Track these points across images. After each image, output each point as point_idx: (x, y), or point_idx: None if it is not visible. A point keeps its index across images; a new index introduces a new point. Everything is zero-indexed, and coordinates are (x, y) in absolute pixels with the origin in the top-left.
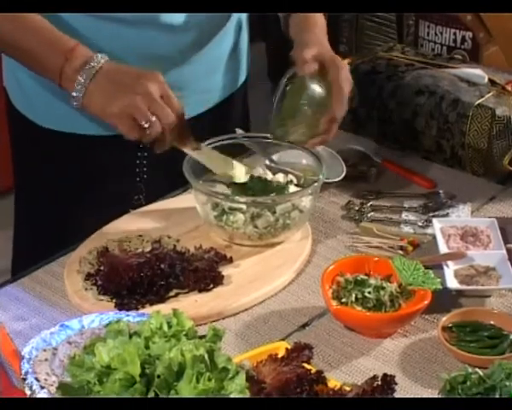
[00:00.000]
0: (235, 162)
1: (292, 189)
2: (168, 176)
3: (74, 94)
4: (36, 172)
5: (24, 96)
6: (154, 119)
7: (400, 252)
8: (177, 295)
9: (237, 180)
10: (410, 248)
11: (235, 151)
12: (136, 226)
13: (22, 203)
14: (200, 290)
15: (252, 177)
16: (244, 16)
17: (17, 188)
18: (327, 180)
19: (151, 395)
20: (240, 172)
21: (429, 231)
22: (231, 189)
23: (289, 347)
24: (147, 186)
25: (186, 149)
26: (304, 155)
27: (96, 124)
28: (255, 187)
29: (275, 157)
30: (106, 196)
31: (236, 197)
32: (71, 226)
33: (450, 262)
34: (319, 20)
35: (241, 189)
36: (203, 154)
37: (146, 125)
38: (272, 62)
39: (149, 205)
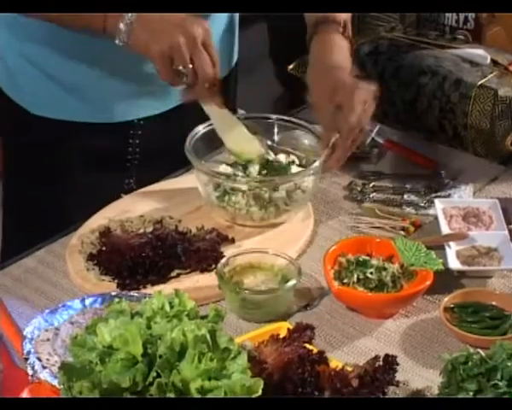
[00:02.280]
0: (252, 137)
1: (294, 169)
2: (159, 162)
3: (121, 27)
4: (24, 158)
5: (12, 82)
6: (191, 66)
7: (402, 233)
8: (178, 275)
9: (245, 157)
10: (412, 228)
11: None
12: (137, 207)
13: (11, 190)
14: (202, 271)
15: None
16: None
17: (5, 174)
18: None
19: (153, 375)
20: (252, 150)
21: (431, 211)
22: (233, 169)
23: (291, 327)
24: (137, 171)
25: (209, 107)
26: (306, 136)
27: (86, 110)
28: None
29: (276, 138)
30: (96, 182)
31: (238, 177)
32: (60, 213)
33: (452, 243)
34: (341, 42)
35: (243, 169)
36: (223, 119)
37: (182, 71)
38: (274, 44)
39: (151, 185)
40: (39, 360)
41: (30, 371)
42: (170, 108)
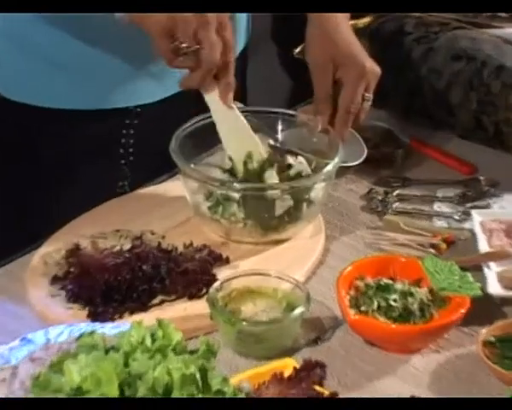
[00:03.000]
0: (258, 144)
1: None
2: (159, 158)
3: None
4: (1, 153)
5: None
6: (195, 46)
7: (432, 251)
8: (162, 302)
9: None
10: (444, 246)
11: None
12: (112, 219)
13: None
14: (191, 297)
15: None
16: None
17: None
18: (343, 164)
19: None
20: (255, 154)
21: (467, 225)
22: (228, 174)
23: (298, 365)
24: (133, 171)
25: (213, 101)
26: (316, 134)
27: (72, 95)
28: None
29: (281, 136)
30: (84, 183)
31: (234, 184)
32: (40, 218)
33: (492, 263)
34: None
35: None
36: (227, 120)
37: (183, 48)
38: (276, 24)
39: (129, 194)
40: None
41: None
42: (172, 94)
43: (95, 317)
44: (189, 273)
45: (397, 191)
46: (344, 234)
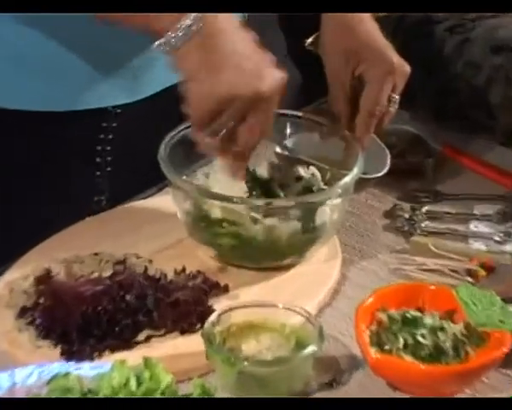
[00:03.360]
0: None
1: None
2: (141, 169)
3: (179, 26)
4: None
5: None
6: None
7: (468, 278)
8: (149, 338)
9: None
10: (483, 272)
11: None
12: (90, 240)
13: None
14: (183, 332)
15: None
16: None
17: None
18: (363, 176)
19: None
20: None
21: (508, 247)
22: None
23: None
24: (111, 183)
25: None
26: (330, 140)
27: (42, 94)
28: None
29: (289, 142)
30: (55, 197)
31: (235, 199)
32: (4, 238)
33: None
34: None
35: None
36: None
37: (217, 131)
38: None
39: (109, 211)
40: None
41: None
42: (156, 92)
43: (69, 356)
44: (181, 304)
45: (426, 208)
46: (364, 258)
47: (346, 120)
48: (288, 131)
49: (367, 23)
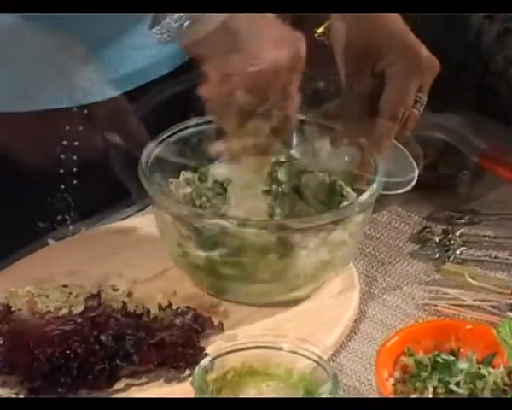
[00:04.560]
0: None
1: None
2: (116, 183)
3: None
4: None
5: None
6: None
7: (511, 315)
8: (128, 387)
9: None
10: None
11: None
12: (58, 269)
13: None
14: (169, 380)
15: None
16: None
17: None
18: (386, 192)
19: None
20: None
21: None
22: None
23: None
24: (76, 200)
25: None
26: (344, 149)
27: None
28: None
29: (295, 152)
30: (7, 215)
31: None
32: None
33: None
34: None
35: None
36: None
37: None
38: None
39: (80, 233)
40: None
41: None
42: (129, 90)
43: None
44: (167, 346)
45: (461, 231)
46: (386, 291)
47: (363, 126)
48: (295, 139)
49: (390, 13)
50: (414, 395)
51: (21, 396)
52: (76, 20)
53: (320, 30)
